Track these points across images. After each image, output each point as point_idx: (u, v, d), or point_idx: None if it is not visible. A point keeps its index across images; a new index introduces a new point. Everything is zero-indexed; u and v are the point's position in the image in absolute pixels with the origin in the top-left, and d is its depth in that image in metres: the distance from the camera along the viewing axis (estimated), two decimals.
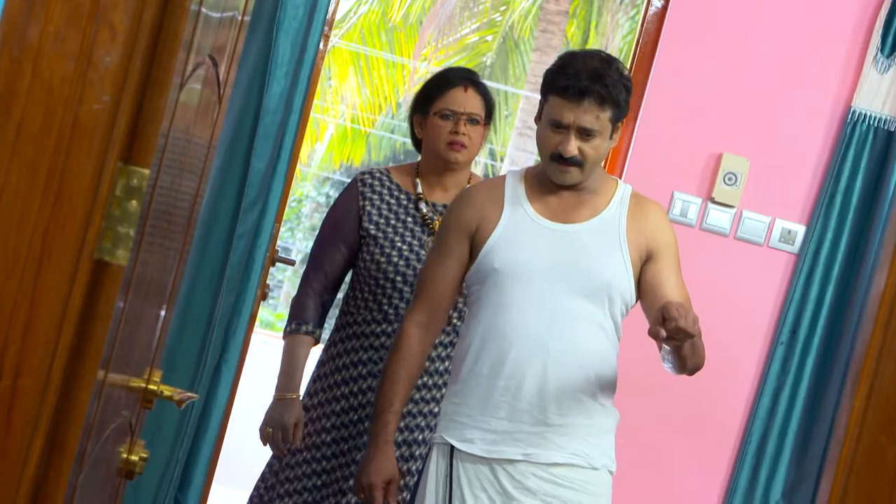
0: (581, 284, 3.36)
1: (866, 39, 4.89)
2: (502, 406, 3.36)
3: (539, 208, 3.45)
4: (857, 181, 4.85)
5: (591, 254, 3.40)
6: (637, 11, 15.37)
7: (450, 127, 3.92)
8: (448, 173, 3.99)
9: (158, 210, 1.99)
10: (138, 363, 2.23)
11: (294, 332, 3.97)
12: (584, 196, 3.46)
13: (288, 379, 3.95)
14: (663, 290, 3.38)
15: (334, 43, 16.91)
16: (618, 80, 3.36)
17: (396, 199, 3.98)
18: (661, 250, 3.44)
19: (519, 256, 3.38)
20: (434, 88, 3.99)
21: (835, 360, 4.84)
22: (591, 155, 3.38)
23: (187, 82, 1.96)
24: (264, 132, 4.40)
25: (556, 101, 3.36)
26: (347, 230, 3.96)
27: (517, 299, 3.36)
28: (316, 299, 3.97)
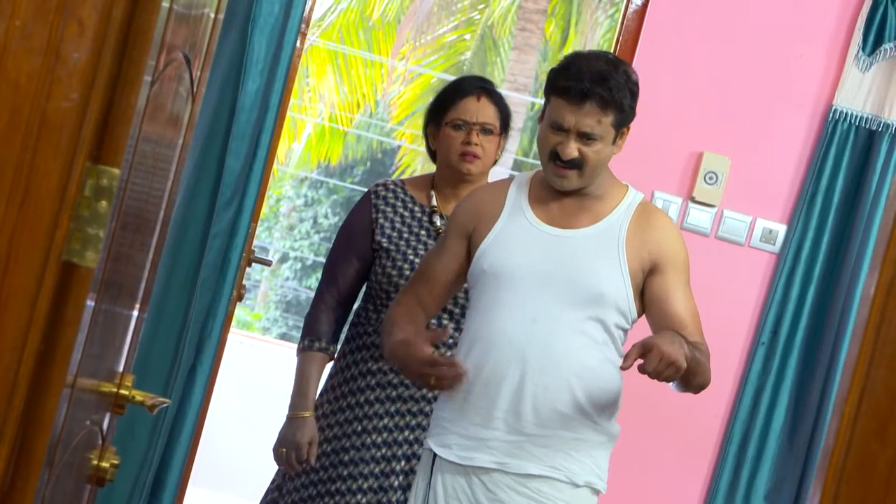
0: (570, 293, 3.24)
1: (847, 37, 4.87)
2: (479, 412, 3.26)
3: (539, 213, 3.34)
4: (839, 180, 4.82)
5: (584, 262, 3.27)
6: (616, 10, 15.35)
7: (462, 137, 3.83)
8: (462, 185, 3.86)
9: (129, 211, 1.94)
10: (109, 367, 2.18)
11: (307, 349, 3.87)
12: (586, 202, 3.34)
13: (301, 397, 3.85)
14: (668, 305, 3.25)
15: (312, 41, 16.86)
16: (623, 84, 3.23)
17: (410, 211, 3.90)
18: (667, 262, 3.29)
19: (508, 259, 3.28)
20: (447, 98, 3.90)
21: (817, 361, 4.81)
22: (592, 159, 3.25)
23: (159, 80, 1.91)
24: (239, 131, 4.34)
25: (557, 102, 3.25)
26: (360, 243, 3.88)
27: (502, 304, 3.26)
28: (329, 314, 3.89)
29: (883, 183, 4.76)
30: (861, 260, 4.76)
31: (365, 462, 3.77)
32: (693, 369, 3.08)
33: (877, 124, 4.82)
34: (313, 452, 3.80)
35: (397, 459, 3.76)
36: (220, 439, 6.59)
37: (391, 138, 20.30)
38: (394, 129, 19.35)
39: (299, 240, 24.10)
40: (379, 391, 3.80)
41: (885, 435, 1.66)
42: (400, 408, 3.80)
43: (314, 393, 3.86)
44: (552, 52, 16.99)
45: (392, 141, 20.32)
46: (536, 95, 17.66)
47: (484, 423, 3.25)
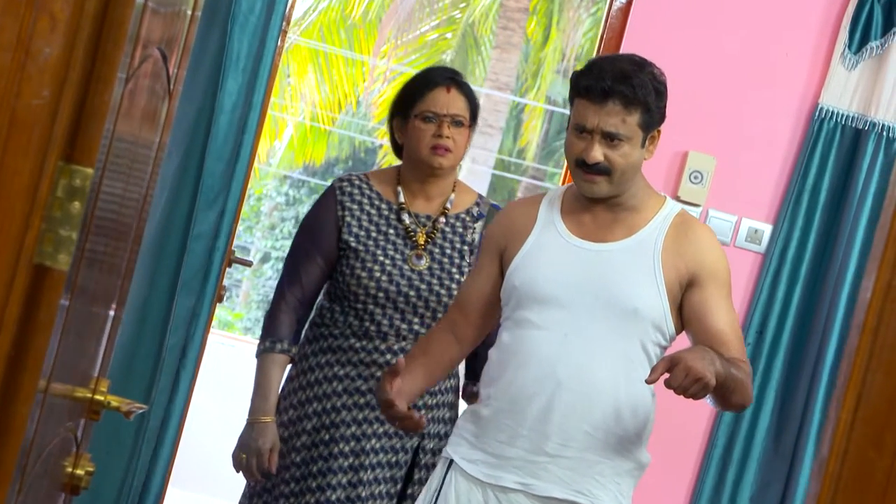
0: (604, 309, 3.09)
1: (833, 36, 4.83)
2: (504, 429, 3.13)
3: (572, 226, 3.19)
4: (825, 179, 4.79)
5: (619, 276, 3.12)
6: (598, 8, 15.32)
7: (432, 130, 3.67)
8: (432, 180, 3.73)
9: (104, 212, 1.88)
10: (84, 372, 2.12)
11: (268, 351, 3.70)
12: (621, 214, 3.18)
13: (262, 401, 3.68)
14: (708, 320, 3.10)
15: (293, 40, 16.81)
16: (647, 83, 3.09)
17: (377, 208, 3.74)
18: (706, 276, 3.13)
19: (540, 275, 3.14)
20: (415, 89, 3.73)
21: (803, 362, 4.78)
22: (620, 163, 3.09)
23: (134, 76, 1.86)
24: (220, 131, 4.29)
25: (579, 103, 3.11)
26: (325, 242, 3.71)
27: (534, 320, 3.12)
28: (291, 315, 3.71)
29: (869, 182, 4.73)
30: (847, 260, 4.72)
31: (333, 472, 3.63)
32: (728, 386, 2.96)
33: (863, 123, 4.78)
34: (274, 459, 3.65)
35: (364, 469, 3.63)
36: (200, 440, 6.54)
37: (373, 137, 20.26)
38: (376, 128, 19.30)
39: (281, 239, 24.04)
40: (346, 398, 3.67)
41: (883, 443, 1.61)
42: (368, 415, 3.66)
43: (276, 396, 3.71)
44: (534, 50, 16.97)
45: (374, 140, 20.28)
46: (518, 94, 17.63)
47: (508, 441, 3.13)
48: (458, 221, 3.77)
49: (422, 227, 3.74)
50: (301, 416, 3.69)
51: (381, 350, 3.67)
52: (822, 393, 4.72)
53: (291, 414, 3.71)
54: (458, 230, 3.76)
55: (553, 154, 18.89)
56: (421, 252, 3.71)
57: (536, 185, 18.94)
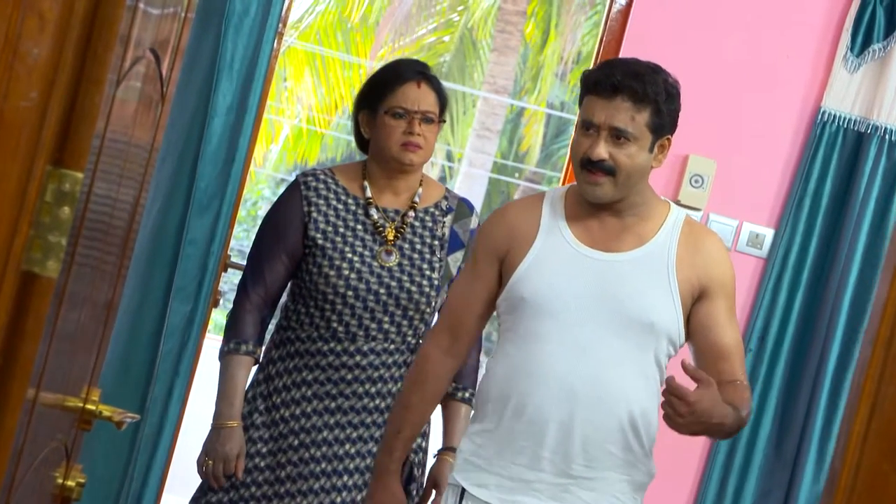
0: (620, 322, 3.00)
1: (835, 38, 4.79)
2: (524, 452, 3.02)
3: (579, 233, 3.08)
4: (827, 183, 4.75)
5: (633, 288, 3.03)
6: (596, 11, 15.28)
7: (403, 127, 3.57)
8: (400, 176, 3.63)
9: (94, 217, 1.84)
10: (74, 382, 2.07)
11: (232, 353, 3.57)
12: (629, 221, 3.08)
13: (227, 405, 3.55)
14: (715, 335, 3.05)
15: (290, 43, 16.77)
16: (660, 83, 3.02)
17: (344, 203, 3.63)
18: (716, 288, 3.07)
19: (551, 286, 3.03)
20: (383, 84, 3.62)
21: (805, 368, 4.73)
22: (625, 164, 3.00)
23: (125, 78, 1.81)
24: (214, 134, 4.22)
25: (588, 99, 3.04)
26: (290, 238, 3.60)
27: (546, 334, 3.01)
28: (255, 314, 3.59)
29: (872, 186, 4.69)
30: (850, 265, 4.68)
31: (304, 478, 3.53)
32: (713, 431, 2.92)
33: (865, 126, 4.74)
34: (241, 465, 3.54)
35: (338, 475, 3.53)
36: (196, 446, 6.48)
37: None
38: None
39: None
40: (316, 402, 3.55)
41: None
42: (340, 419, 3.55)
43: (241, 400, 3.58)
44: (532, 54, 16.93)
45: None
46: (516, 98, 17.59)
47: (530, 465, 3.02)
48: (427, 216, 3.67)
49: (390, 222, 3.64)
50: (268, 422, 3.59)
51: (349, 352, 3.56)
52: (824, 399, 4.68)
53: (257, 419, 3.60)
54: (427, 224, 3.67)
55: (551, 157, 18.86)
56: (390, 248, 3.61)
57: (534, 189, 18.89)
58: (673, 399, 2.82)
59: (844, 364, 4.68)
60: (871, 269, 4.69)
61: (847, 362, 4.69)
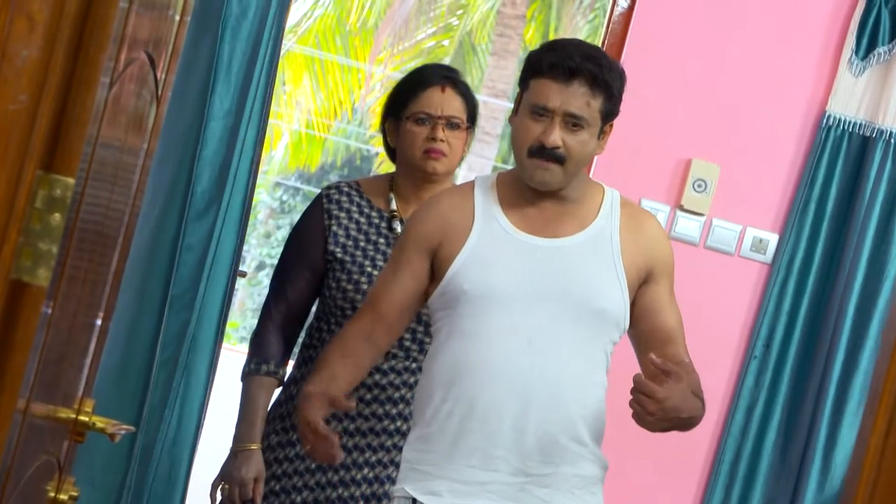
0: (569, 310, 2.89)
1: (840, 41, 4.74)
2: (475, 453, 2.88)
3: (516, 220, 2.96)
4: (832, 188, 4.70)
5: (581, 274, 2.92)
6: (596, 15, 15.24)
7: (426, 133, 3.43)
8: (426, 186, 3.46)
9: (87, 224, 1.78)
10: (67, 392, 2.02)
11: (254, 373, 3.45)
12: (567, 206, 2.97)
13: (247, 427, 3.43)
14: (660, 318, 2.97)
15: (289, 47, 16.74)
16: (613, 66, 2.91)
17: (367, 217, 3.50)
18: (660, 271, 3.00)
19: (493, 277, 2.90)
20: (407, 89, 3.49)
21: (811, 375, 4.68)
22: (577, 151, 2.89)
23: (118, 80, 1.76)
24: (212, 138, 4.15)
25: (540, 83, 2.89)
26: (312, 253, 3.47)
27: (492, 328, 2.88)
28: (277, 333, 3.47)
29: (877, 191, 4.64)
30: (855, 270, 4.62)
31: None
32: (681, 426, 2.84)
33: (871, 130, 4.69)
34: (259, 490, 3.41)
35: (355, 500, 3.39)
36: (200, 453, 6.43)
37: (369, 145, 20.18)
38: (373, 136, 19.23)
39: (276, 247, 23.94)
40: (334, 423, 3.40)
41: None
42: (359, 442, 3.41)
43: (262, 422, 3.46)
44: None
45: (371, 148, 20.20)
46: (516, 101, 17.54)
47: (482, 465, 2.88)
48: None
49: None
50: (283, 441, 3.47)
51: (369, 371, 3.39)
52: (829, 407, 4.63)
53: (273, 439, 3.48)
54: None
55: None
56: None
57: None
58: (641, 397, 2.72)
59: (850, 371, 4.64)
60: (877, 274, 4.65)
61: (852, 369, 4.64)
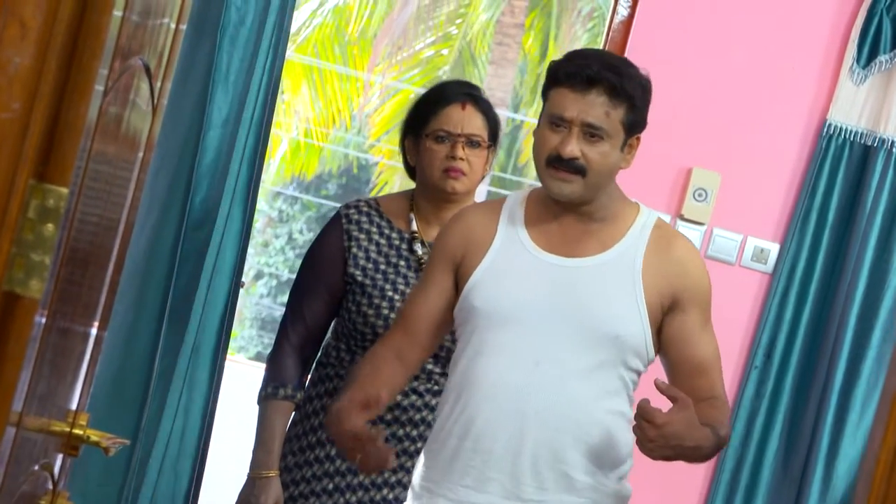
0: (580, 334, 2.79)
1: (841, 49, 4.72)
2: (470, 472, 2.81)
3: (537, 237, 2.88)
4: (833, 197, 4.67)
5: (595, 297, 2.82)
6: (595, 24, 15.23)
7: (445, 151, 3.35)
8: (447, 206, 3.38)
9: (81, 234, 1.75)
10: (61, 406, 1.99)
11: (270, 398, 3.39)
12: (592, 225, 2.87)
13: (265, 453, 3.36)
14: (690, 348, 2.86)
15: (287, 56, 16.74)
16: (635, 77, 2.82)
17: (387, 238, 3.42)
18: (689, 298, 2.87)
19: (505, 294, 2.83)
20: (427, 106, 3.42)
21: (812, 385, 4.66)
22: (597, 162, 2.79)
23: (113, 89, 1.73)
24: (210, 147, 4.09)
25: (558, 92, 2.81)
26: (331, 275, 3.40)
27: (498, 346, 2.81)
28: (295, 356, 3.41)
29: (879, 200, 4.61)
30: (857, 280, 4.60)
31: None
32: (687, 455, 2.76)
33: (872, 139, 4.67)
34: None
35: None
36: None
37: (368, 154, 20.17)
38: (372, 144, 19.22)
39: (274, 256, 23.93)
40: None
41: None
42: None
43: (279, 448, 3.39)
44: (531, 66, 16.88)
45: (369, 157, 20.19)
46: (515, 111, 17.53)
47: (476, 486, 2.81)
48: None
49: None
50: (300, 462, 3.40)
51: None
52: (830, 416, 4.60)
53: (290, 460, 3.41)
54: None
55: None
56: None
57: None
58: (642, 422, 2.65)
59: (851, 380, 4.61)
60: (878, 284, 4.62)
61: (854, 379, 4.61)
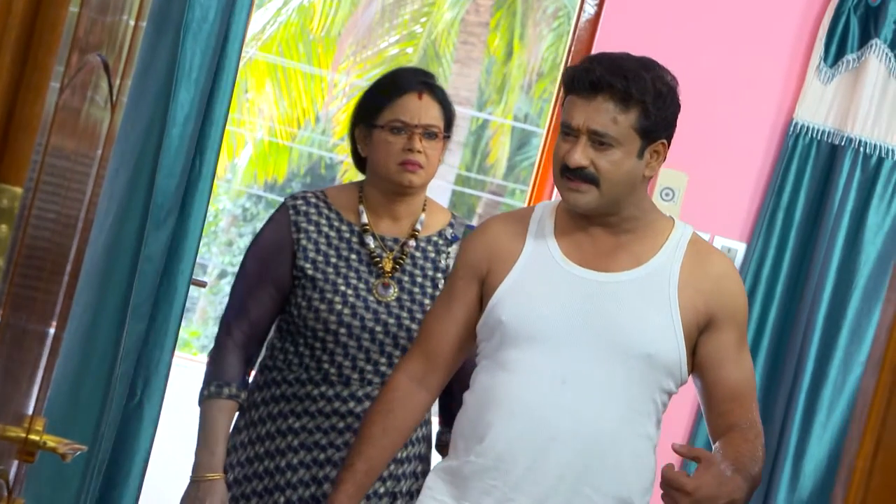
0: (610, 351, 2.67)
1: (808, 48, 4.69)
2: (492, 492, 2.69)
3: (568, 250, 2.75)
4: (800, 196, 4.64)
5: (629, 313, 2.70)
6: (560, 22, 15.21)
7: (402, 143, 3.19)
8: (399, 199, 3.25)
9: (36, 235, 1.70)
10: (17, 411, 1.93)
11: (213, 397, 3.21)
12: (625, 238, 2.76)
13: (208, 456, 3.18)
14: (723, 372, 2.74)
15: (252, 54, 16.65)
16: (648, 81, 2.69)
17: (337, 230, 3.26)
18: (726, 317, 2.74)
19: (532, 308, 2.70)
20: (381, 95, 3.25)
21: (779, 385, 4.63)
22: (608, 170, 2.67)
23: (70, 85, 1.68)
24: (172, 144, 4.01)
25: (569, 100, 2.70)
26: (279, 269, 3.24)
27: (525, 362, 2.68)
28: (239, 354, 3.23)
29: (846, 200, 4.59)
30: (824, 280, 4.57)
31: None
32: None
33: (839, 139, 4.64)
34: None
35: None
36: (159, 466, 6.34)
37: (333, 153, 20.11)
38: (337, 143, 19.15)
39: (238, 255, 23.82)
40: (304, 453, 3.19)
41: None
42: (329, 473, 3.18)
43: (224, 450, 3.21)
44: (496, 65, 16.86)
45: (334, 156, 20.12)
46: (480, 110, 17.50)
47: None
48: (429, 245, 3.31)
49: (388, 251, 3.27)
50: (250, 474, 3.23)
51: (342, 397, 3.20)
52: (798, 417, 4.58)
53: (238, 472, 3.24)
54: (429, 255, 3.30)
55: (514, 169, 18.78)
56: (388, 281, 3.24)
57: (497, 202, 18.80)
58: (672, 492, 2.54)
59: (819, 381, 4.59)
60: (846, 284, 4.60)
61: (821, 379, 4.59)
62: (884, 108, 4.63)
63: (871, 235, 4.61)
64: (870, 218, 4.61)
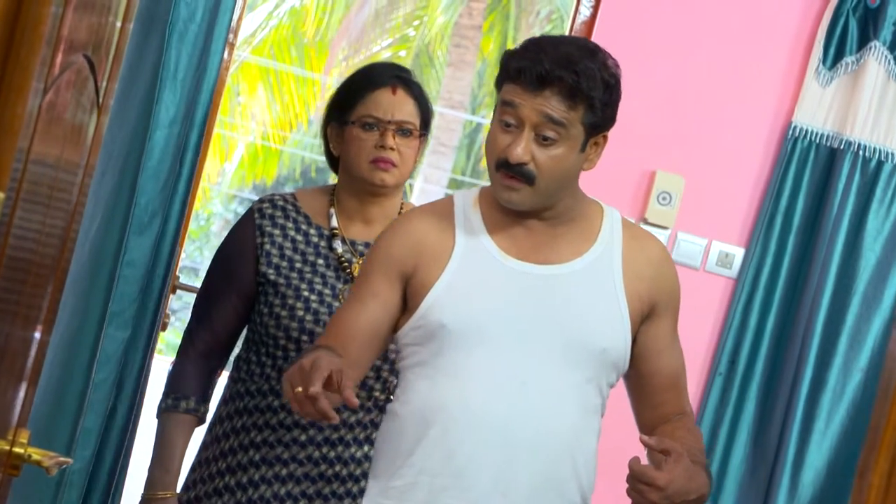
0: (564, 349, 2.53)
1: (807, 51, 4.65)
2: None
3: (503, 243, 2.59)
4: (799, 201, 4.60)
5: (579, 307, 2.56)
6: (554, 26, 15.17)
7: (374, 140, 3.03)
8: (372, 200, 3.09)
9: (19, 243, 1.64)
10: (1, 423, 1.87)
11: (170, 410, 3.06)
12: (560, 227, 2.59)
13: (163, 472, 3.04)
14: (662, 360, 2.62)
15: (243, 58, 16.60)
16: (596, 72, 2.49)
17: (304, 234, 3.11)
18: (666, 303, 2.63)
19: (478, 309, 2.52)
20: (354, 90, 3.09)
21: (778, 392, 4.59)
22: (548, 167, 2.50)
23: (54, 86, 1.62)
24: (157, 147, 3.93)
25: (510, 89, 2.51)
26: (241, 275, 3.08)
27: (474, 368, 2.50)
28: (199, 365, 3.09)
29: (845, 203, 4.55)
30: (823, 285, 4.52)
31: None
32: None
33: (838, 142, 4.60)
34: None
35: None
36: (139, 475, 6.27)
37: None
38: None
39: None
40: (265, 469, 3.02)
41: None
42: (292, 490, 3.02)
43: (178, 466, 3.06)
44: (489, 68, 16.82)
45: None
46: (473, 113, 17.46)
47: None
48: None
49: (358, 256, 3.10)
50: (210, 491, 3.07)
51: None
52: (797, 425, 4.52)
53: (200, 489, 3.09)
54: None
55: None
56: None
57: None
58: (641, 486, 2.41)
59: (818, 388, 4.54)
60: (845, 289, 4.55)
61: (820, 386, 4.54)
62: (883, 111, 4.58)
63: (870, 240, 4.57)
64: (869, 222, 4.57)
